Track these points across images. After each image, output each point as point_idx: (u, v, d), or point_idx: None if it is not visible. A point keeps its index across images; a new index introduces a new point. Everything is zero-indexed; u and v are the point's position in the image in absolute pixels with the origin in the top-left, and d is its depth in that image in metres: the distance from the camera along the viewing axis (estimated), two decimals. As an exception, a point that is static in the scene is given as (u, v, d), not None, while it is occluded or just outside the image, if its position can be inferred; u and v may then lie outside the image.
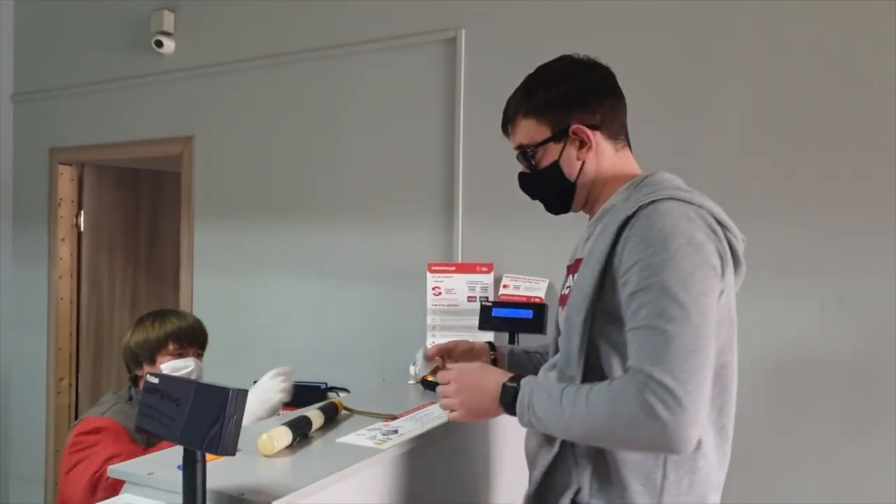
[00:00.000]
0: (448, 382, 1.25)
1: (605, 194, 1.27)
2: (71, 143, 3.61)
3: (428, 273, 2.42)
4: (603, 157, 1.26)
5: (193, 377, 1.86)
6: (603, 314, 1.13)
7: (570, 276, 1.30)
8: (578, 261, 1.24)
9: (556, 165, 1.27)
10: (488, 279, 2.40)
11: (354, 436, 1.53)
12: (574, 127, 1.24)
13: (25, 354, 3.76)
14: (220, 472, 1.22)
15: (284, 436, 1.31)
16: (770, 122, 2.07)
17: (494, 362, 1.59)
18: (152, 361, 1.85)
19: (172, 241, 3.52)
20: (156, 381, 1.09)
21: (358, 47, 2.66)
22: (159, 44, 3.16)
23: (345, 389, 2.51)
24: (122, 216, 3.93)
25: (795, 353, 2.03)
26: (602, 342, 1.14)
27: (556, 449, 1.19)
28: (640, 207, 1.10)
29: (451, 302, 2.41)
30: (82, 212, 3.75)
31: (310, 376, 2.78)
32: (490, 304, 2.18)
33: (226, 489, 1.13)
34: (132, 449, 1.58)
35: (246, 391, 1.01)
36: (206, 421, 1.01)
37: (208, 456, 1.29)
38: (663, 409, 0.97)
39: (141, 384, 1.82)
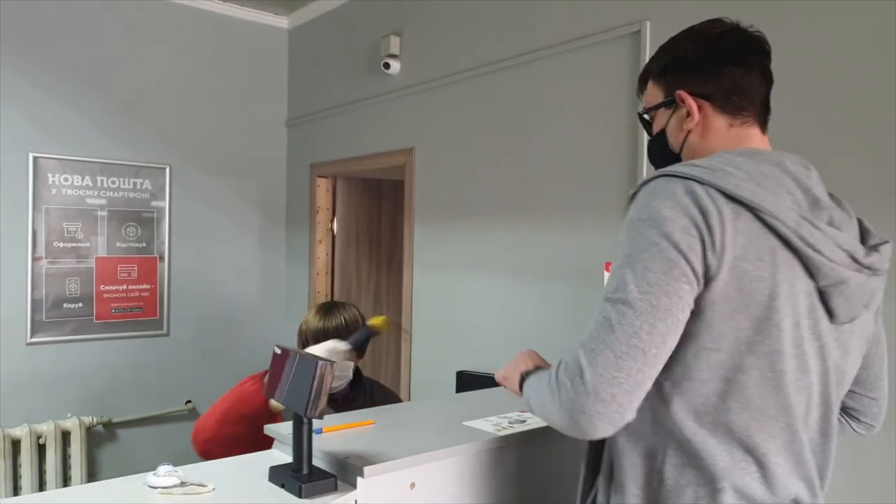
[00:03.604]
0: None
1: None
2: (326, 159, 4.22)
3: (605, 272, 2.37)
4: (711, 130, 1.14)
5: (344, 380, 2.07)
6: None
7: None
8: None
9: (663, 133, 1.20)
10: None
11: (483, 421, 1.60)
12: (678, 92, 1.15)
13: (293, 341, 4.47)
14: (342, 438, 1.40)
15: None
16: None
17: None
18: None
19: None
20: (279, 350, 1.30)
21: (547, 51, 2.70)
22: (387, 66, 3.55)
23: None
24: (367, 221, 4.47)
25: None
26: None
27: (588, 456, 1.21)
28: (639, 187, 1.05)
29: (630, 302, 2.33)
30: (335, 218, 4.35)
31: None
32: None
33: (336, 451, 1.29)
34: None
35: (332, 363, 1.16)
36: (302, 387, 1.18)
37: (336, 426, 1.48)
38: (569, 386, 0.96)
39: None
